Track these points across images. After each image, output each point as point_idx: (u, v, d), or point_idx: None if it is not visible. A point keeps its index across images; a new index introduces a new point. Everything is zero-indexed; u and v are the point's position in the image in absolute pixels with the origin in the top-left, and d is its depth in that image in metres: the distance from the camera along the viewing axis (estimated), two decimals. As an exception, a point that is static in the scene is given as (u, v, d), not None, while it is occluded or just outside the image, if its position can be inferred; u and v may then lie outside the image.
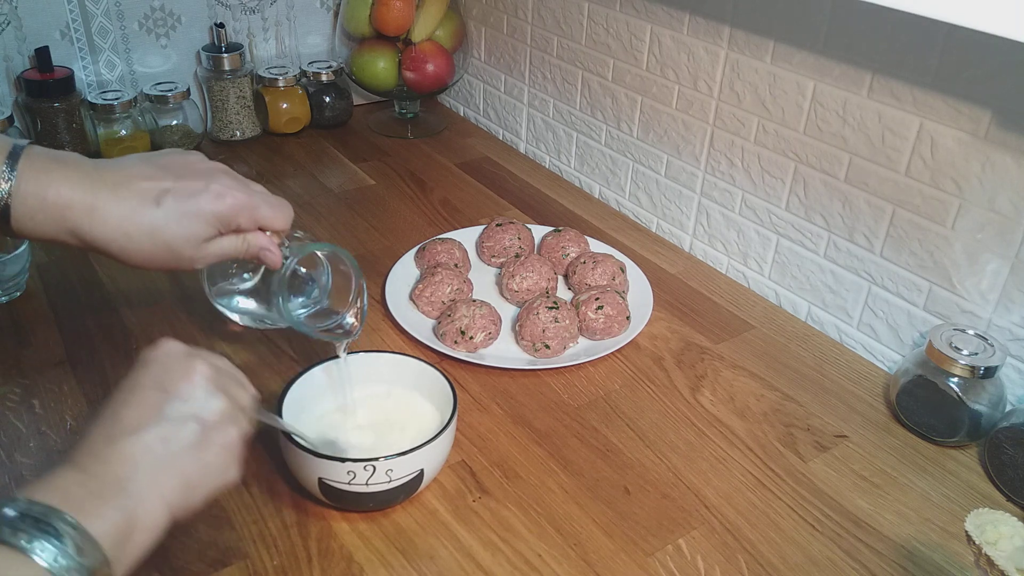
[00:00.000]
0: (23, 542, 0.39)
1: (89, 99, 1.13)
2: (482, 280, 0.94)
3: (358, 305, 0.69)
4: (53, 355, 0.79)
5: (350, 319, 0.69)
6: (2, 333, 0.81)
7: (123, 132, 1.14)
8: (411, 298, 0.88)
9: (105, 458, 0.45)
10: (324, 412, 0.67)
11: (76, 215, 0.56)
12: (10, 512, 0.40)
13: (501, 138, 1.33)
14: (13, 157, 0.56)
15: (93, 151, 1.14)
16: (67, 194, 0.56)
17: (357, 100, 1.37)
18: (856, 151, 0.81)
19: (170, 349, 0.51)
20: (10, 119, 1.07)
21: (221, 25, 1.19)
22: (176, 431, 0.47)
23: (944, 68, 0.72)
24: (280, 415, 0.62)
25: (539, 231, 1.00)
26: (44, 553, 0.39)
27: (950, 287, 0.77)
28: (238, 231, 0.63)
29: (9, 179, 0.55)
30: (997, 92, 0.69)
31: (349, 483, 0.59)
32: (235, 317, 0.72)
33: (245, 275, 0.69)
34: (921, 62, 0.73)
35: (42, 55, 1.07)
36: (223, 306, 0.70)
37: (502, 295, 0.91)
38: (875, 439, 0.74)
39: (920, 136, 0.75)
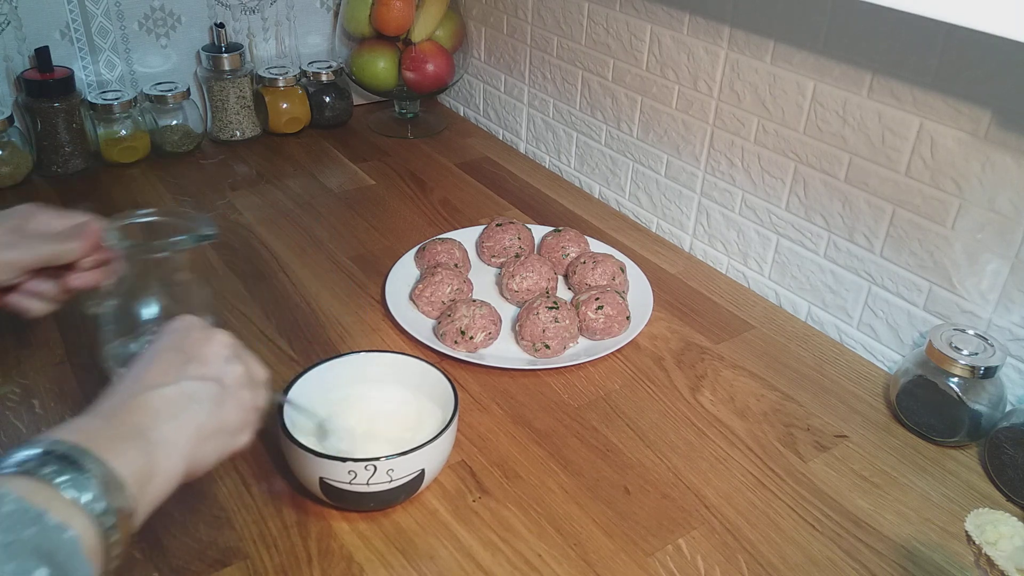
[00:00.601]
0: (50, 477, 0.40)
1: (89, 99, 1.13)
2: (482, 280, 0.94)
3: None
4: (53, 355, 0.79)
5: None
6: (2, 333, 0.81)
7: (123, 132, 1.14)
8: (411, 298, 0.88)
9: (127, 408, 0.47)
10: (324, 408, 0.67)
11: None
12: (35, 450, 0.41)
13: (501, 138, 1.33)
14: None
15: (93, 151, 1.15)
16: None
17: (357, 100, 1.37)
18: (856, 151, 0.81)
19: (191, 320, 0.55)
20: (10, 119, 1.07)
21: (221, 25, 1.19)
22: (196, 387, 0.50)
23: (944, 68, 0.72)
24: (283, 416, 0.62)
25: (539, 231, 1.00)
26: (70, 487, 0.40)
27: (950, 287, 0.77)
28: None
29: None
30: (997, 92, 0.69)
31: (350, 483, 0.59)
32: None
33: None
34: (921, 62, 0.73)
35: (42, 55, 1.07)
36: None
37: (502, 295, 0.91)
38: (875, 439, 0.74)
39: (920, 136, 0.75)
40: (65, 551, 0.38)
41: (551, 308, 0.82)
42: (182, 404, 0.49)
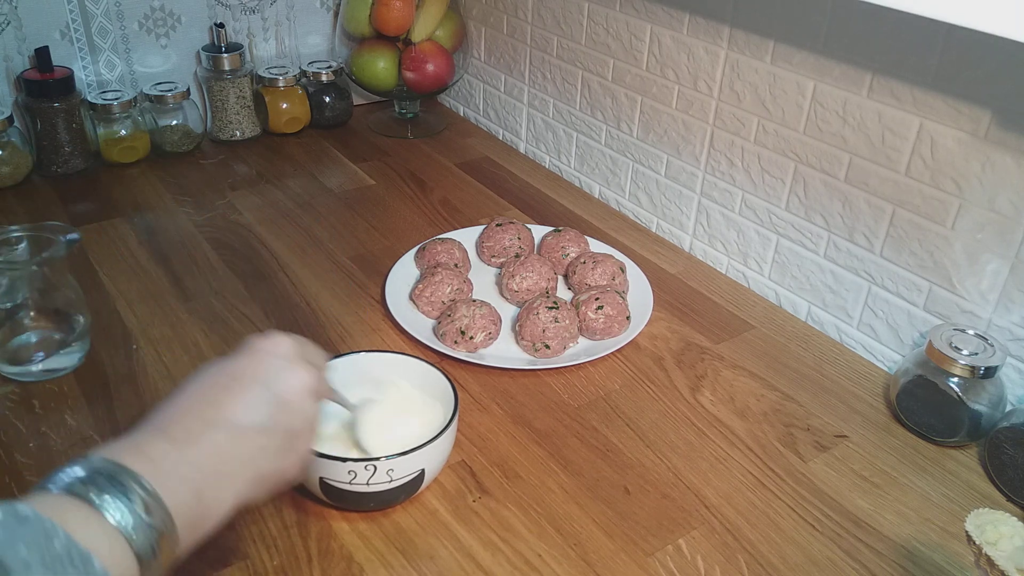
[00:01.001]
0: (93, 497, 0.39)
1: (89, 99, 1.13)
2: (482, 280, 0.94)
3: None
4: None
5: None
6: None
7: (123, 132, 1.14)
8: (411, 298, 0.88)
9: (198, 440, 0.46)
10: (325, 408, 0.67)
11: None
12: (86, 470, 0.41)
13: (501, 138, 1.33)
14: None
15: (93, 151, 1.15)
16: None
17: (357, 100, 1.37)
18: (856, 151, 0.81)
19: (280, 346, 0.52)
20: (10, 119, 1.07)
21: (221, 25, 1.19)
22: (270, 437, 0.48)
23: (944, 68, 0.72)
24: None
25: (539, 231, 1.00)
26: (112, 510, 0.40)
27: (950, 287, 0.77)
28: None
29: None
30: (997, 92, 0.69)
31: (350, 483, 0.59)
32: None
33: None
34: (921, 62, 0.73)
35: (42, 55, 1.07)
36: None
37: (502, 295, 0.91)
38: (875, 439, 0.74)
39: (920, 136, 0.75)
40: None
41: (551, 308, 0.82)
42: (252, 454, 0.47)
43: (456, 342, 0.81)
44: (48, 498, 0.40)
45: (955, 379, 0.71)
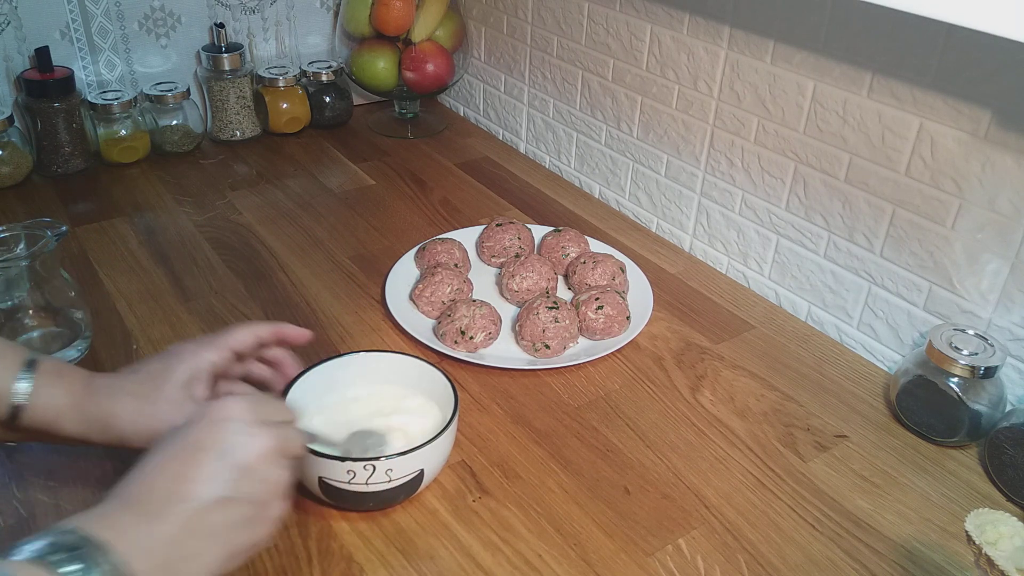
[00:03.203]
0: (57, 565, 0.40)
1: (89, 99, 1.13)
2: (482, 280, 0.94)
3: None
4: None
5: None
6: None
7: (123, 132, 1.15)
8: (411, 298, 0.88)
9: (163, 515, 0.45)
10: (325, 408, 0.67)
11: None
12: (52, 539, 0.41)
13: (501, 138, 1.33)
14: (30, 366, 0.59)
15: (93, 151, 1.15)
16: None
17: (357, 100, 1.37)
18: (856, 151, 0.81)
19: (234, 411, 0.50)
20: (10, 119, 1.07)
21: (221, 25, 1.19)
22: (236, 508, 0.48)
23: (944, 68, 0.72)
24: None
25: (539, 231, 1.00)
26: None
27: (950, 287, 0.77)
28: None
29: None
30: (997, 92, 0.69)
31: (349, 482, 0.59)
32: None
33: None
34: (921, 62, 0.73)
35: (42, 55, 1.07)
36: None
37: (502, 295, 0.91)
38: (875, 439, 0.74)
39: (920, 136, 0.75)
40: None
41: (551, 308, 0.82)
42: (218, 527, 0.47)
43: (456, 342, 0.81)
44: (10, 565, 0.40)
45: (955, 379, 0.71)
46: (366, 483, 0.59)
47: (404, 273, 0.93)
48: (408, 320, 0.84)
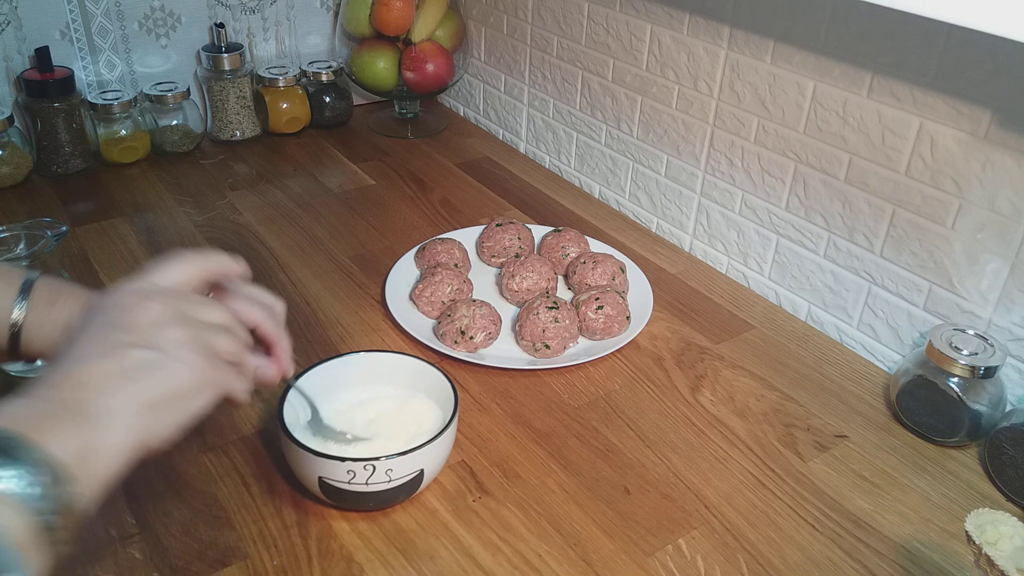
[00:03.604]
0: None
1: (89, 99, 1.13)
2: (482, 280, 0.94)
3: None
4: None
5: None
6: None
7: (123, 132, 1.15)
8: (411, 298, 0.88)
9: (58, 385, 0.44)
10: (324, 408, 0.67)
11: None
12: None
13: (501, 138, 1.33)
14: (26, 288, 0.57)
15: (93, 151, 1.15)
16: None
17: (357, 100, 1.37)
18: (856, 151, 0.81)
19: (123, 289, 0.50)
20: (10, 119, 1.07)
21: (221, 25, 1.19)
22: (132, 358, 0.46)
23: (944, 68, 0.72)
24: (282, 415, 0.62)
25: (539, 231, 1.00)
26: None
27: (950, 287, 0.77)
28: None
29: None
30: (997, 92, 0.69)
31: (349, 482, 0.59)
32: None
33: None
34: (921, 62, 0.73)
35: (42, 55, 1.07)
36: None
37: (502, 295, 0.91)
38: (875, 439, 0.74)
39: (920, 136, 0.75)
40: None
41: (551, 308, 0.82)
42: (118, 376, 0.45)
43: (456, 342, 0.81)
44: None
45: (955, 379, 0.71)
46: (366, 483, 0.59)
47: (404, 273, 0.93)
48: (408, 320, 0.84)
